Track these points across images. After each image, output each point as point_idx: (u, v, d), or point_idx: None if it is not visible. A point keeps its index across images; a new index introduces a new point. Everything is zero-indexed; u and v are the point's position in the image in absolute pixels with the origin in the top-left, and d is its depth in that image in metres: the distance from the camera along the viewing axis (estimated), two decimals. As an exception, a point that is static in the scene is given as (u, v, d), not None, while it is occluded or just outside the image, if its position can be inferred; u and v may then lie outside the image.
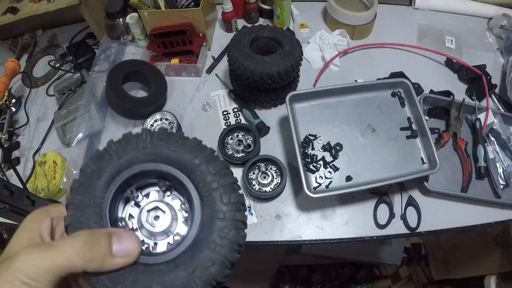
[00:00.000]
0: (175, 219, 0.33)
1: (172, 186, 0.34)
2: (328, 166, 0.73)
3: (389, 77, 0.93)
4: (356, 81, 0.94)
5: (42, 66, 1.10)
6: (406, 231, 0.74)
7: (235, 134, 0.83)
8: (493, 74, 0.95)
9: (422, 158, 0.73)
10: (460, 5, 1.11)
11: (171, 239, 0.32)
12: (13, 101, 0.98)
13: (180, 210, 0.33)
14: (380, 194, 0.77)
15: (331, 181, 0.71)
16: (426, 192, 0.78)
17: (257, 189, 0.75)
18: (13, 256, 0.25)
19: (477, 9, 1.10)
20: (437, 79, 0.95)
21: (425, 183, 0.74)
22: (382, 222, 0.74)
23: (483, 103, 0.88)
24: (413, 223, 0.74)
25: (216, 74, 0.97)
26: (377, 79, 0.92)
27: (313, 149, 0.75)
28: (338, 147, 0.74)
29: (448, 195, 0.76)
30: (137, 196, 0.33)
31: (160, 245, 0.32)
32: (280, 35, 0.83)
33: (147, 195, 0.34)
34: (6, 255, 0.27)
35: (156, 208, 0.32)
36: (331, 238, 0.74)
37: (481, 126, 0.82)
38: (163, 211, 0.32)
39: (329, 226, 0.75)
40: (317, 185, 0.71)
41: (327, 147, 0.74)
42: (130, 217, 0.33)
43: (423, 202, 0.77)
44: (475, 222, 0.75)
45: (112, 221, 0.30)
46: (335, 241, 0.74)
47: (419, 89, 0.93)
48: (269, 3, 1.05)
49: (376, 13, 1.02)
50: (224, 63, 1.00)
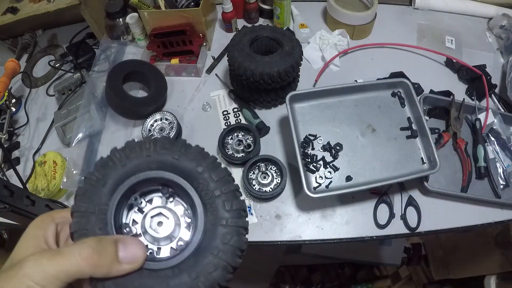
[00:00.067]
0: (178, 225, 0.33)
1: (175, 192, 0.34)
2: (328, 166, 0.73)
3: (389, 77, 0.93)
4: (356, 81, 0.94)
5: (42, 66, 1.10)
6: (406, 231, 0.74)
7: (235, 134, 0.83)
8: (493, 74, 0.95)
9: (422, 158, 0.73)
10: (460, 5, 1.11)
11: (175, 244, 0.33)
12: (13, 101, 0.98)
13: (183, 215, 0.34)
14: (380, 194, 0.77)
15: (331, 181, 0.71)
16: (426, 192, 0.78)
17: (257, 189, 0.75)
18: (20, 262, 0.25)
19: (477, 9, 1.10)
20: (437, 79, 0.95)
21: (425, 183, 0.74)
22: (382, 222, 0.74)
23: (483, 103, 0.88)
24: (413, 223, 0.74)
25: (216, 74, 0.97)
26: (377, 79, 0.92)
27: (313, 149, 0.75)
28: (338, 147, 0.74)
29: (448, 195, 0.76)
30: (140, 202, 0.34)
31: (163, 250, 0.33)
32: (280, 35, 0.83)
33: (150, 201, 0.34)
34: (12, 261, 0.27)
35: (159, 214, 0.33)
36: (331, 238, 0.74)
37: (481, 126, 0.82)
38: (167, 217, 0.33)
39: (329, 226, 0.75)
40: (317, 185, 0.71)
41: (327, 147, 0.74)
42: (133, 223, 0.33)
43: (423, 202, 0.77)
44: (475, 222, 0.75)
45: (117, 228, 0.31)
46: (335, 241, 0.74)
47: (419, 89, 0.93)
48: (269, 3, 1.05)
49: (376, 13, 1.02)
50: (224, 63, 1.00)
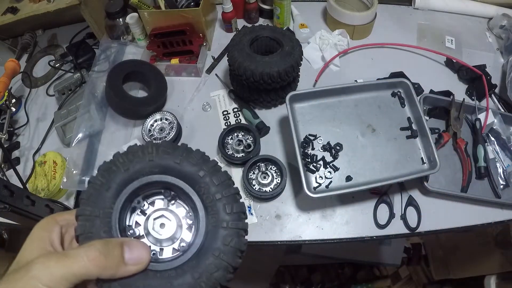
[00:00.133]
0: (179, 226, 0.35)
1: (176, 195, 0.36)
2: (328, 166, 0.73)
3: (389, 77, 0.93)
4: (356, 81, 0.94)
5: (42, 66, 1.10)
6: (406, 231, 0.74)
7: (235, 134, 0.83)
8: (493, 74, 0.95)
9: (422, 158, 0.73)
10: (460, 5, 1.11)
11: (177, 245, 0.34)
12: (13, 101, 0.98)
13: (184, 217, 0.35)
14: (380, 194, 0.77)
15: (331, 181, 0.71)
16: (426, 192, 0.78)
17: (257, 189, 0.75)
18: (28, 264, 0.26)
19: (477, 9, 1.10)
20: (437, 79, 0.95)
21: (425, 183, 0.74)
22: (382, 222, 0.74)
23: (483, 103, 0.88)
24: (413, 223, 0.74)
25: (216, 74, 0.97)
26: (377, 79, 0.92)
27: (313, 149, 0.75)
28: (338, 147, 0.74)
29: (448, 195, 0.76)
30: (143, 205, 0.35)
31: (166, 250, 0.34)
32: (280, 35, 0.83)
33: (152, 203, 0.35)
34: (18, 263, 0.28)
35: (161, 216, 0.34)
36: (331, 238, 0.74)
37: (481, 126, 0.82)
38: (169, 219, 0.34)
39: (329, 226, 0.75)
40: (317, 185, 0.71)
41: (327, 147, 0.74)
42: (136, 225, 0.34)
43: (423, 202, 0.77)
44: (475, 222, 0.75)
45: (121, 230, 0.32)
46: (335, 241, 0.74)
47: (419, 89, 0.93)
48: (269, 3, 1.05)
49: (376, 13, 1.02)
50: (224, 63, 1.00)
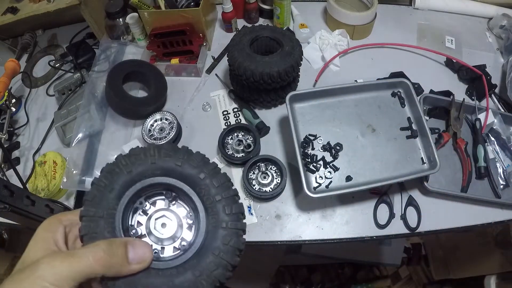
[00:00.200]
0: (180, 226, 0.36)
1: (177, 196, 0.37)
2: (328, 166, 0.73)
3: (389, 77, 0.93)
4: (356, 81, 0.94)
5: (42, 66, 1.10)
6: (406, 231, 0.74)
7: (235, 134, 0.83)
8: (493, 74, 0.95)
9: (422, 158, 0.73)
10: (460, 5, 1.10)
11: (177, 244, 0.35)
12: (13, 101, 0.98)
13: (185, 217, 0.36)
14: (380, 194, 0.77)
15: (331, 181, 0.71)
16: (426, 192, 0.78)
17: (257, 189, 0.75)
18: (34, 264, 0.26)
19: (477, 9, 1.10)
20: (437, 79, 0.95)
21: (425, 183, 0.74)
22: (382, 222, 0.74)
23: (483, 103, 0.88)
24: (413, 223, 0.74)
25: (216, 74, 0.97)
26: (377, 79, 0.92)
27: (313, 149, 0.75)
28: (338, 147, 0.74)
29: (448, 195, 0.76)
30: (145, 205, 0.36)
31: (167, 249, 0.35)
32: (280, 35, 0.83)
33: (154, 204, 0.37)
34: (23, 263, 0.29)
35: (163, 216, 0.36)
36: (331, 238, 0.74)
37: (481, 126, 0.82)
38: (170, 219, 0.35)
39: (329, 226, 0.75)
40: (317, 185, 0.71)
41: (327, 147, 0.74)
42: (138, 224, 0.36)
43: (423, 202, 0.77)
44: (475, 222, 0.75)
45: (124, 230, 0.33)
46: (335, 241, 0.74)
47: (419, 89, 0.93)
48: (269, 3, 1.05)
49: (376, 13, 1.02)
50: (224, 63, 1.00)
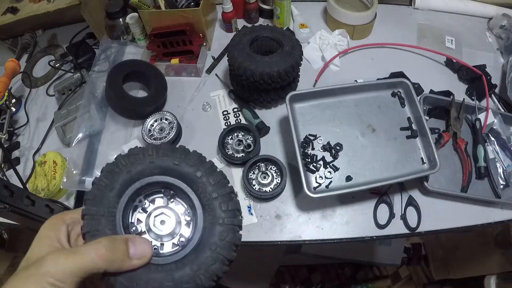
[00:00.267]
0: (178, 222, 0.37)
1: (175, 194, 0.38)
2: (328, 166, 0.73)
3: (389, 77, 0.93)
4: (356, 81, 0.94)
5: (42, 66, 1.10)
6: (406, 231, 0.74)
7: (235, 134, 0.83)
8: (493, 74, 0.95)
9: (422, 158, 0.73)
10: (460, 5, 1.10)
11: (176, 240, 0.36)
12: (13, 101, 0.98)
13: (183, 214, 0.38)
14: (380, 194, 0.77)
15: (331, 181, 0.71)
16: (426, 192, 0.78)
17: (257, 189, 0.75)
18: (39, 261, 0.28)
19: (477, 9, 1.10)
20: (437, 79, 0.95)
21: (425, 183, 0.74)
22: (382, 222, 0.74)
23: (483, 103, 0.88)
24: (413, 223, 0.74)
25: (216, 74, 0.97)
26: (377, 79, 0.92)
27: (313, 149, 0.75)
28: (338, 147, 0.74)
29: (448, 195, 0.76)
30: (144, 203, 0.37)
31: (166, 245, 0.36)
32: (280, 35, 0.83)
33: (153, 201, 0.38)
34: (27, 261, 0.30)
35: (162, 213, 0.37)
36: (331, 238, 0.74)
37: (481, 126, 0.82)
38: (168, 216, 0.37)
39: (329, 226, 0.75)
40: (317, 185, 0.71)
41: (327, 147, 0.74)
42: (138, 222, 0.37)
43: (423, 202, 0.77)
44: (475, 222, 0.75)
45: (124, 227, 0.34)
46: (335, 241, 0.74)
47: (419, 89, 0.93)
48: (269, 3, 1.05)
49: (376, 13, 1.02)
50: (224, 63, 1.00)
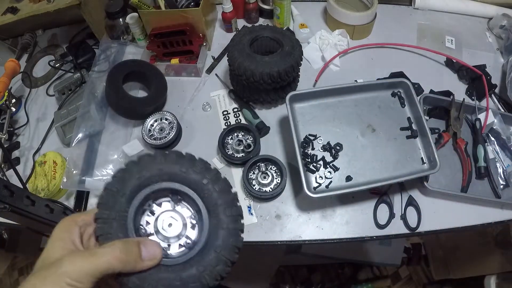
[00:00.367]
0: (185, 225, 0.40)
1: (182, 198, 0.41)
2: (328, 166, 0.73)
3: (389, 77, 0.93)
4: (356, 81, 0.94)
5: (42, 66, 1.10)
6: (406, 231, 0.74)
7: (235, 134, 0.83)
8: (493, 74, 0.95)
9: (422, 158, 0.73)
10: (460, 5, 1.10)
11: (182, 241, 0.39)
12: (13, 101, 0.98)
13: (189, 217, 0.40)
14: (380, 194, 0.77)
15: (331, 181, 0.71)
16: (426, 192, 0.78)
17: (257, 189, 0.75)
18: (57, 262, 0.30)
19: (477, 9, 1.10)
20: (437, 79, 0.95)
21: (425, 183, 0.74)
22: (382, 222, 0.74)
23: (483, 103, 0.88)
24: (413, 223, 0.74)
25: (216, 74, 0.97)
26: (377, 79, 0.92)
27: (313, 149, 0.75)
28: (338, 147, 0.74)
29: (448, 195, 0.76)
30: (153, 207, 0.40)
31: (173, 246, 0.39)
32: (280, 35, 0.83)
33: (160, 205, 0.40)
34: (43, 261, 0.32)
35: (169, 216, 0.39)
36: (331, 238, 0.74)
37: (481, 126, 0.82)
38: (175, 219, 0.39)
39: (329, 226, 0.75)
40: (317, 185, 0.71)
41: (327, 147, 0.74)
42: (146, 224, 0.39)
43: (423, 202, 0.77)
44: (475, 222, 0.75)
45: (135, 230, 0.36)
46: (335, 241, 0.74)
47: (419, 89, 0.93)
48: (269, 3, 1.05)
49: (376, 13, 1.02)
50: (224, 63, 1.00)
